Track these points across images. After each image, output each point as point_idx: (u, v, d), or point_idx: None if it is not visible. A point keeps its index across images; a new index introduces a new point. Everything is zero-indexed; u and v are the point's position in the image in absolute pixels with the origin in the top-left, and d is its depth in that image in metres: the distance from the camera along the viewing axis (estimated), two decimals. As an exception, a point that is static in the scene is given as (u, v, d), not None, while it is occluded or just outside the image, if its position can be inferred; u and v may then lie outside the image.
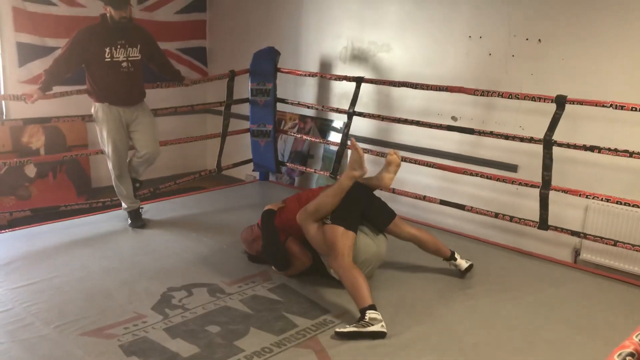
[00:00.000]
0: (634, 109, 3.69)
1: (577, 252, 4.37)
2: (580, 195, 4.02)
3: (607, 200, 3.93)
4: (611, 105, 3.77)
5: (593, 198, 3.99)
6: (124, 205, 4.51)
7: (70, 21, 5.49)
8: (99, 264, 3.78)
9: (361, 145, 5.33)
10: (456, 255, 3.74)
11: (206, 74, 6.89)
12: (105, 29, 4.11)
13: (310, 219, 3.39)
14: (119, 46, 4.13)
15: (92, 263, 3.80)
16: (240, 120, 6.09)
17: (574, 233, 4.12)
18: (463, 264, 3.71)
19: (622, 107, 3.73)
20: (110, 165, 4.37)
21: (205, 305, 3.28)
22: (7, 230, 4.33)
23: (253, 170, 6.12)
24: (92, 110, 4.28)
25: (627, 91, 3.99)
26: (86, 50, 4.07)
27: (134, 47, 4.21)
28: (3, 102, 5.36)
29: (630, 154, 3.75)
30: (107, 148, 4.28)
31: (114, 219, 4.61)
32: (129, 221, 4.51)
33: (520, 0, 4.48)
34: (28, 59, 5.41)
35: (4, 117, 5.35)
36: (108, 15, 4.07)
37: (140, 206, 4.60)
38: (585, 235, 4.09)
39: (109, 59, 4.10)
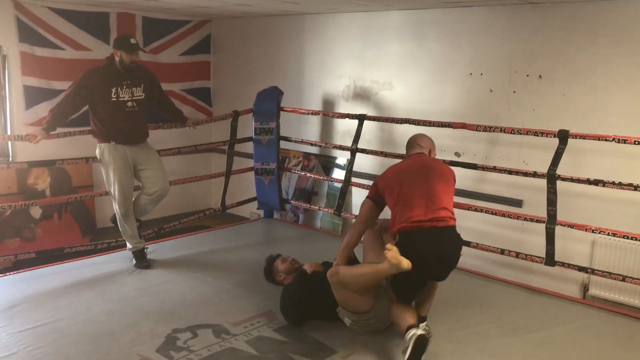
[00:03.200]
0: (636, 142, 3.70)
1: (585, 288, 4.33)
2: (586, 230, 4.00)
3: (614, 235, 3.91)
4: (614, 139, 3.78)
5: (599, 232, 3.97)
6: (128, 245, 4.50)
7: (76, 64, 5.59)
8: (104, 306, 3.75)
9: (364, 181, 5.37)
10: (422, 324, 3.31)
11: (210, 114, 6.97)
12: (112, 70, 4.18)
13: (341, 287, 3.32)
14: (124, 86, 4.19)
15: (96, 305, 3.77)
16: (244, 159, 6.12)
17: (581, 269, 4.09)
18: (417, 332, 2.99)
19: (624, 141, 3.74)
20: (115, 205, 4.38)
21: (211, 347, 3.23)
22: (11, 273, 4.32)
23: (257, 209, 6.12)
24: (97, 152, 4.31)
25: (629, 125, 4.01)
26: (93, 91, 4.13)
27: (138, 87, 4.27)
28: (9, 144, 5.42)
29: (635, 187, 3.75)
30: (113, 187, 4.30)
31: (119, 260, 4.59)
32: (134, 262, 4.49)
33: (520, 38, 4.54)
34: (34, 101, 5.49)
35: (10, 159, 5.40)
36: (118, 59, 4.15)
37: (145, 246, 4.59)
38: (593, 271, 4.05)
39: (114, 99, 4.16)
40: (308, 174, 5.82)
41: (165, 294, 3.98)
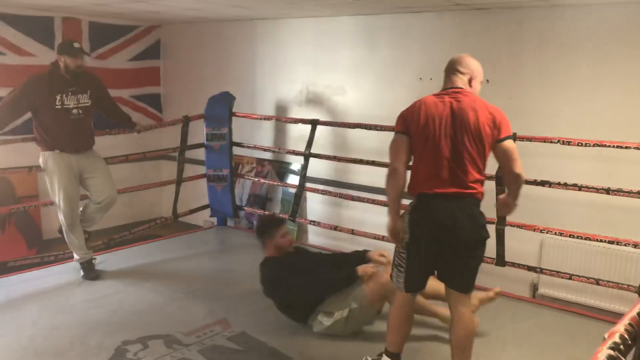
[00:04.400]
0: (580, 144, 3.82)
1: (535, 287, 4.43)
2: (534, 230, 4.09)
3: (561, 234, 4.01)
4: (559, 141, 3.89)
5: (547, 232, 4.07)
6: (76, 256, 4.36)
7: (20, 70, 5.39)
8: (50, 320, 3.62)
9: (318, 186, 5.36)
10: None
11: (161, 120, 6.85)
12: (56, 77, 4.06)
13: (383, 294, 3.37)
14: (70, 93, 4.07)
15: (42, 319, 3.63)
16: (196, 166, 6.03)
17: (530, 268, 4.18)
18: None
19: (569, 143, 3.86)
20: (60, 216, 4.23)
21: (162, 358, 3.15)
22: (-50, 288, 4.12)
23: (210, 216, 6.03)
24: (41, 160, 4.16)
25: (573, 127, 4.13)
26: (36, 98, 3.99)
27: (84, 94, 4.16)
28: (-53, 153, 5.18)
29: (580, 188, 3.86)
30: (58, 197, 4.16)
31: (66, 272, 4.44)
32: (82, 273, 4.35)
33: (468, 43, 4.63)
34: (-25, 109, 5.27)
35: (-51, 169, 5.16)
36: (62, 64, 4.03)
37: (93, 257, 4.46)
38: (541, 270, 4.15)
39: (59, 106, 4.03)
40: (262, 180, 5.78)
41: (114, 305, 3.87)
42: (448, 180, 2.70)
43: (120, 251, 5.05)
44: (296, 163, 5.78)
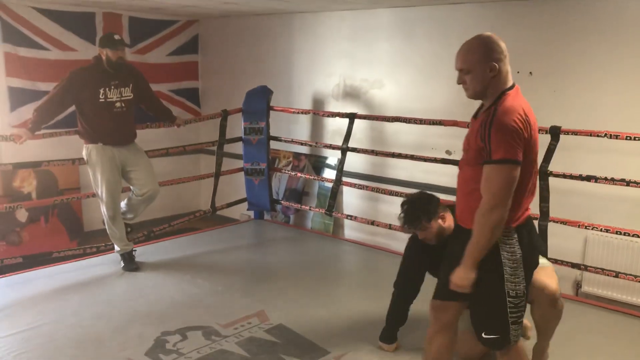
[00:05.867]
0: (628, 137, 3.69)
1: (578, 285, 4.31)
2: (579, 227, 3.98)
3: (607, 231, 3.89)
4: (605, 135, 3.77)
5: (592, 229, 3.95)
6: (116, 248, 4.43)
7: (62, 65, 5.50)
8: (91, 310, 3.68)
9: (355, 181, 5.33)
10: None
11: (199, 115, 6.90)
12: (99, 71, 4.12)
13: None
14: (112, 87, 4.13)
15: (83, 309, 3.70)
16: (233, 160, 6.06)
17: (574, 265, 4.07)
18: None
19: (616, 137, 3.73)
20: (103, 208, 4.30)
21: (200, 349, 3.18)
22: (-3, 277, 4.24)
23: (247, 210, 6.06)
24: (84, 153, 4.24)
25: (621, 120, 4.00)
26: (80, 91, 4.06)
27: (126, 87, 4.21)
28: (-6, 146, 5.33)
29: (627, 183, 3.73)
30: (101, 189, 4.23)
31: (107, 263, 4.52)
32: (122, 264, 4.42)
33: (510, 35, 4.51)
34: (20, 103, 5.40)
35: (-5, 161, 5.31)
36: (104, 57, 4.08)
37: (134, 249, 4.52)
38: (586, 268, 4.03)
39: (102, 100, 4.09)
40: (298, 174, 5.77)
41: (154, 297, 3.91)
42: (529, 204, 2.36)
43: (160, 243, 5.12)
44: (332, 157, 5.75)
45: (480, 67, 2.25)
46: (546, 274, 2.91)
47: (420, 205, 2.94)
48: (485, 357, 3.12)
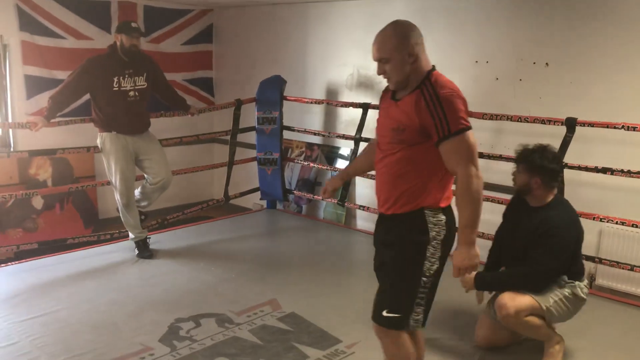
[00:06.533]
0: (646, 130, 3.65)
1: (592, 278, 4.28)
2: (594, 219, 3.95)
3: (622, 224, 3.86)
4: (623, 127, 3.73)
5: (607, 221, 3.92)
6: (131, 235, 4.47)
7: (78, 53, 5.53)
8: (106, 296, 3.72)
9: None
10: None
11: (213, 104, 6.92)
12: (114, 59, 4.13)
13: None
14: (126, 75, 4.14)
15: (98, 295, 3.74)
16: (247, 149, 6.08)
17: (588, 258, 4.03)
18: None
19: (634, 128, 3.69)
20: (117, 196, 4.34)
21: (214, 336, 3.20)
22: (13, 263, 4.29)
23: (260, 199, 6.08)
24: (98, 141, 4.27)
25: (638, 112, 3.95)
26: (95, 79, 4.08)
27: (140, 76, 4.22)
28: (10, 134, 5.38)
29: (644, 176, 3.69)
30: (115, 177, 4.26)
31: (121, 250, 4.56)
32: (136, 252, 4.46)
33: (526, 25, 4.48)
34: (36, 91, 5.45)
35: (12, 149, 5.36)
36: (119, 43, 4.10)
37: (148, 236, 4.56)
38: (600, 260, 4.01)
39: (116, 88, 4.11)
40: (311, 164, 5.78)
41: (168, 284, 3.95)
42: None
43: (174, 231, 5.15)
44: (345, 147, 5.74)
45: (398, 54, 2.21)
46: (512, 295, 2.89)
47: (546, 157, 2.93)
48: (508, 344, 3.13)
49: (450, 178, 2.29)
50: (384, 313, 2.29)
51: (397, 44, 2.20)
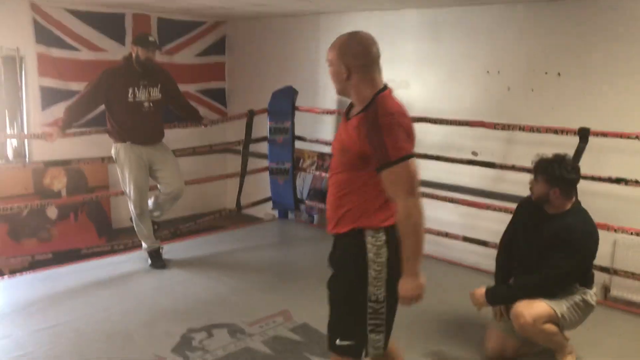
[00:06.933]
0: (659, 140, 3.63)
1: (607, 289, 4.24)
2: (608, 230, 3.91)
3: (637, 235, 3.82)
4: (637, 137, 3.70)
5: (621, 232, 3.89)
6: (144, 245, 4.50)
7: (92, 65, 5.60)
8: (120, 306, 3.75)
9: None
10: None
11: (225, 115, 6.96)
12: (129, 70, 4.19)
13: None
14: (141, 86, 4.19)
15: (112, 305, 3.77)
16: (259, 159, 6.10)
17: (602, 269, 4.00)
18: None
19: (647, 139, 3.67)
20: (131, 206, 4.37)
21: (226, 347, 3.21)
22: (28, 272, 4.33)
23: (272, 209, 6.10)
24: (113, 151, 4.31)
25: (651, 122, 3.93)
26: (110, 90, 4.14)
27: (155, 87, 4.27)
28: (26, 144, 5.45)
29: (658, 186, 3.67)
30: (129, 187, 4.30)
31: (135, 260, 4.59)
32: (149, 262, 4.49)
33: (538, 35, 4.47)
34: (51, 102, 5.52)
35: (27, 159, 5.43)
36: (134, 55, 4.15)
37: (161, 246, 4.59)
38: (615, 272, 3.97)
39: (131, 99, 4.16)
40: (323, 174, 5.79)
41: (180, 294, 3.96)
42: None
43: (186, 241, 5.18)
44: (358, 157, 5.74)
45: (336, 64, 2.17)
46: (527, 303, 2.89)
47: (564, 168, 2.91)
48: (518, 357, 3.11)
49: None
50: (337, 341, 2.21)
51: (337, 54, 2.16)
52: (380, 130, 2.03)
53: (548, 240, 2.91)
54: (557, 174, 2.88)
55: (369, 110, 2.10)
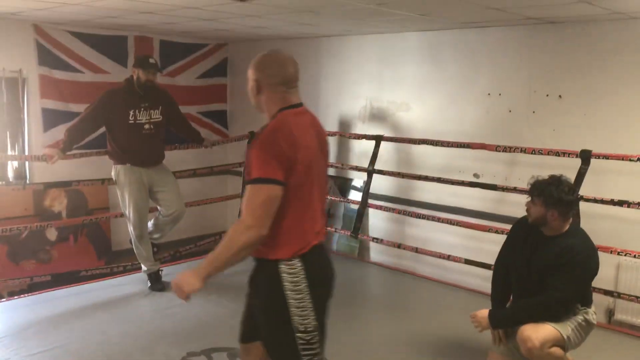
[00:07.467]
0: (662, 162, 3.62)
1: (611, 313, 4.20)
2: (611, 252, 3.89)
3: (640, 257, 3.80)
4: (639, 159, 3.70)
5: (625, 255, 3.86)
6: (143, 267, 4.47)
7: (94, 87, 5.61)
8: (118, 328, 3.71)
9: (381, 203, 5.30)
10: None
11: (227, 136, 6.97)
12: (130, 92, 4.20)
13: None
14: (142, 108, 4.21)
15: (111, 327, 3.73)
16: (260, 181, 6.08)
17: (606, 292, 3.97)
18: None
19: (650, 161, 3.66)
20: (130, 227, 4.36)
21: (226, 371, 3.17)
22: (26, 295, 4.30)
23: (273, 231, 6.05)
24: (113, 173, 4.31)
25: (653, 145, 3.93)
26: (111, 112, 4.15)
27: (156, 109, 4.28)
28: (27, 166, 5.44)
29: (662, 209, 3.65)
30: (128, 209, 4.29)
31: (134, 282, 4.56)
32: (149, 284, 4.46)
33: (539, 57, 4.50)
34: (53, 124, 5.52)
35: (27, 181, 5.42)
36: (135, 77, 4.17)
37: (160, 269, 4.56)
38: (619, 295, 3.93)
39: (132, 121, 4.17)
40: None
41: (180, 317, 3.93)
42: (322, 229, 2.26)
43: (186, 263, 5.15)
44: (358, 179, 5.74)
45: (250, 80, 2.24)
46: (533, 327, 2.84)
47: (562, 190, 2.86)
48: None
49: (304, 225, 2.15)
50: None
51: (253, 70, 2.24)
52: (257, 145, 2.07)
53: (549, 262, 2.88)
54: (555, 196, 2.86)
55: (266, 126, 2.15)
